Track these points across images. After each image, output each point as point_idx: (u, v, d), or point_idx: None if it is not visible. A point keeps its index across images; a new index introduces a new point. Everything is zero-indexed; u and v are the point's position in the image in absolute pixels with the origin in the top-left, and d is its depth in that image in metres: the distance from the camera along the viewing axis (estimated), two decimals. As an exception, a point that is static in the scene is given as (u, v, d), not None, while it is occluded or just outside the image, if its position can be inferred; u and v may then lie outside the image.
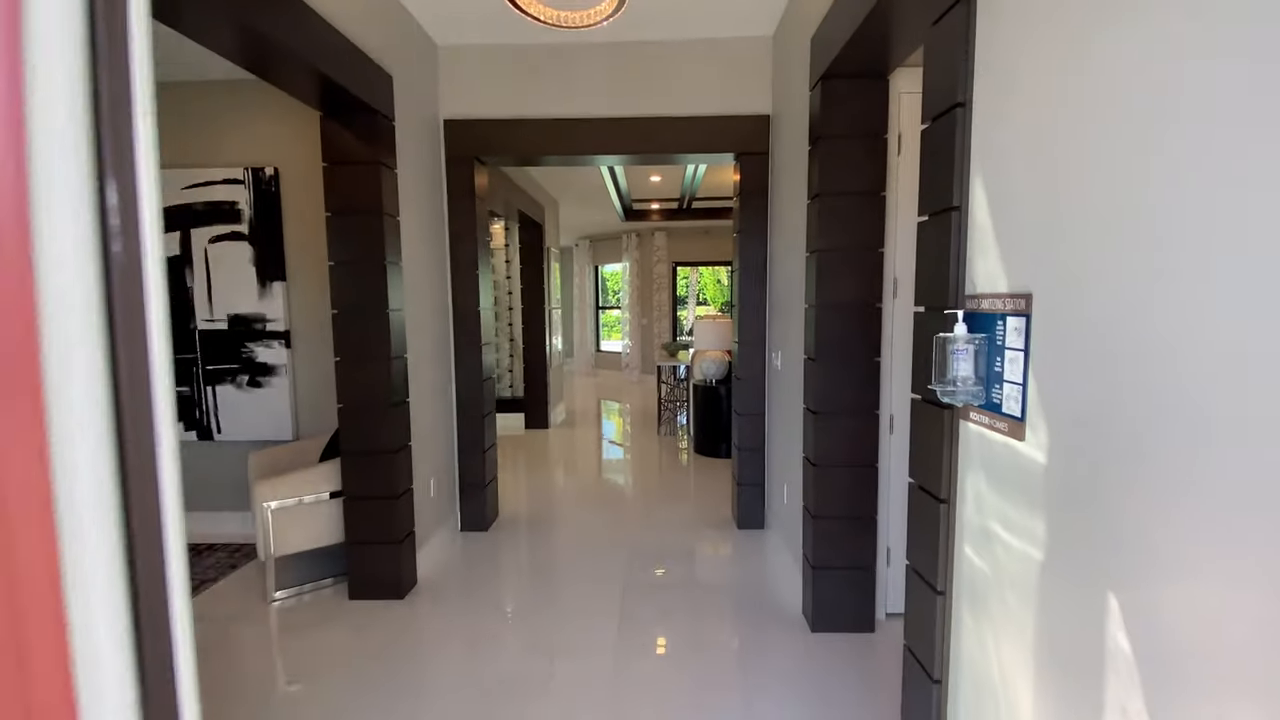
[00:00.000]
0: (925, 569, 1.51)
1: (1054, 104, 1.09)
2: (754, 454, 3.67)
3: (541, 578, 3.21)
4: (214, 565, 3.33)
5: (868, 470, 2.48)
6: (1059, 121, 1.08)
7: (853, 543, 2.51)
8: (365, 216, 2.76)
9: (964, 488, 1.38)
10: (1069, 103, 1.05)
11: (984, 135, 1.31)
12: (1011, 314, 1.21)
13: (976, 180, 1.33)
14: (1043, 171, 1.12)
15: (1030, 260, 1.16)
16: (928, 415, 1.50)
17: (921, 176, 1.52)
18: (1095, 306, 0.99)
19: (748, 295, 3.60)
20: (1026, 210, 1.17)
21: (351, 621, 2.74)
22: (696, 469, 5.26)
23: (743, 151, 3.51)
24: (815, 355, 2.47)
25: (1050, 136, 1.10)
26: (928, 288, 1.50)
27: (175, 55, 3.20)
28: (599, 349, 12.00)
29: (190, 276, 3.65)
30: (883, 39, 2.03)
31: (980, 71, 1.32)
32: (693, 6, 3.13)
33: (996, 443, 1.26)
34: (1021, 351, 1.18)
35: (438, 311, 3.54)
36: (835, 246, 2.41)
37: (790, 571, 2.97)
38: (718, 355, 5.58)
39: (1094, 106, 1.00)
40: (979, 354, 1.29)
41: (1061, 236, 1.07)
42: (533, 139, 3.55)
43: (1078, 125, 1.03)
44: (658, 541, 3.63)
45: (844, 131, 2.38)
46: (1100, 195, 0.98)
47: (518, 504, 4.38)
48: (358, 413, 2.83)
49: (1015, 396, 1.19)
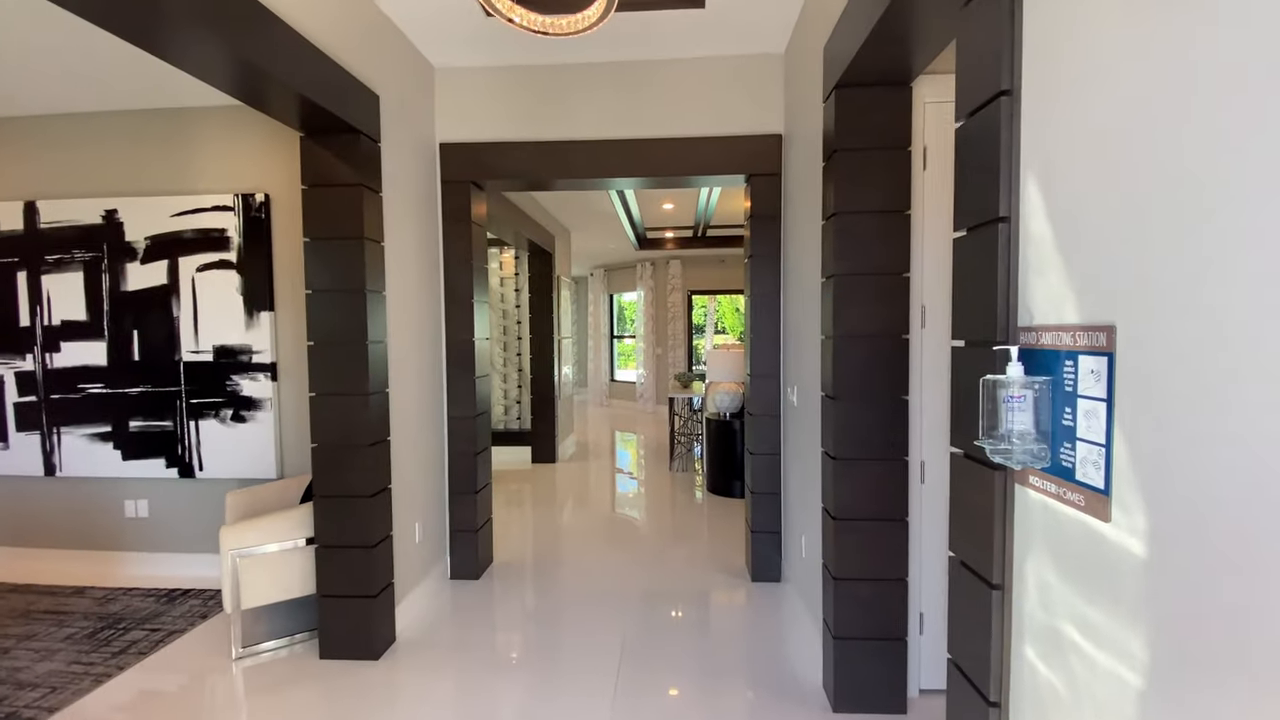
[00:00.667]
0: (973, 669, 1.20)
1: (1150, 81, 0.83)
2: (769, 499, 3.35)
3: (532, 635, 2.91)
4: (185, 614, 3.09)
5: (896, 525, 2.17)
6: (1159, 103, 0.82)
7: (880, 608, 2.18)
8: (345, 242, 2.57)
9: (1023, 572, 1.09)
10: (1175, 78, 0.79)
11: (1038, 129, 1.05)
12: (1086, 351, 0.93)
13: (1029, 184, 1.07)
14: (1131, 166, 0.86)
15: (1112, 281, 0.89)
16: (973, 475, 1.21)
17: (957, 184, 1.26)
18: (1215, 346, 0.72)
19: (760, 325, 3.34)
20: (1105, 217, 0.90)
21: (320, 684, 2.47)
22: (710, 509, 4.93)
23: (754, 173, 3.29)
24: (834, 392, 2.18)
25: (1144, 121, 0.84)
26: (969, 318, 1.22)
27: (165, 83, 3.10)
28: (613, 378, 11.76)
29: (176, 306, 3.50)
30: (903, 38, 1.79)
31: (1031, 53, 1.07)
32: (700, 25, 2.96)
33: (1069, 519, 0.97)
34: (1102, 402, 0.89)
35: (428, 343, 3.33)
36: (854, 271, 2.14)
37: (809, 635, 2.63)
38: (732, 388, 5.29)
39: (1217, 78, 0.73)
40: (1040, 402, 1.01)
41: (1163, 249, 0.80)
42: (533, 162, 3.38)
43: (1190, 104, 0.77)
44: (664, 594, 3.31)
45: (862, 144, 2.13)
46: (1223, 194, 0.71)
47: (514, 548, 4.09)
48: (332, 452, 2.60)
49: (1095, 461, 0.91)
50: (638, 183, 3.50)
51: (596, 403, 11.69)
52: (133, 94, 3.31)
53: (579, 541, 4.23)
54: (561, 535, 4.38)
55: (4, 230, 3.53)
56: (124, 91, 3.28)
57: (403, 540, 2.96)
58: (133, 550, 3.63)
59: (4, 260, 3.54)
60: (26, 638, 2.83)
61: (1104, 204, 0.90)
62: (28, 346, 3.56)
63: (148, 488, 3.62)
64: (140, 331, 3.52)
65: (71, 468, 3.58)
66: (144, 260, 3.50)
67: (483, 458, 3.61)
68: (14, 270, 3.54)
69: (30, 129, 3.55)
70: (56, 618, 3.03)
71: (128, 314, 3.52)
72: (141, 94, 3.31)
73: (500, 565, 3.76)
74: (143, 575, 3.58)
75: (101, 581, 3.49)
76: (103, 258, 3.51)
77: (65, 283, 3.53)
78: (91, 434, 3.56)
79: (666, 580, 3.51)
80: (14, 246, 3.54)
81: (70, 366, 3.55)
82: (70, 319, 3.54)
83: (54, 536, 3.66)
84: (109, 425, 3.55)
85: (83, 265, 3.52)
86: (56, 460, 3.58)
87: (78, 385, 3.55)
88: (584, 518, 4.79)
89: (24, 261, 3.54)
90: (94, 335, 3.54)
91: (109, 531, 3.64)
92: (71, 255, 3.52)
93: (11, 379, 3.58)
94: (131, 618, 3.04)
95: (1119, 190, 0.87)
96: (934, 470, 2.20)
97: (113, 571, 3.61)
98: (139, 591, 3.35)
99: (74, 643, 2.79)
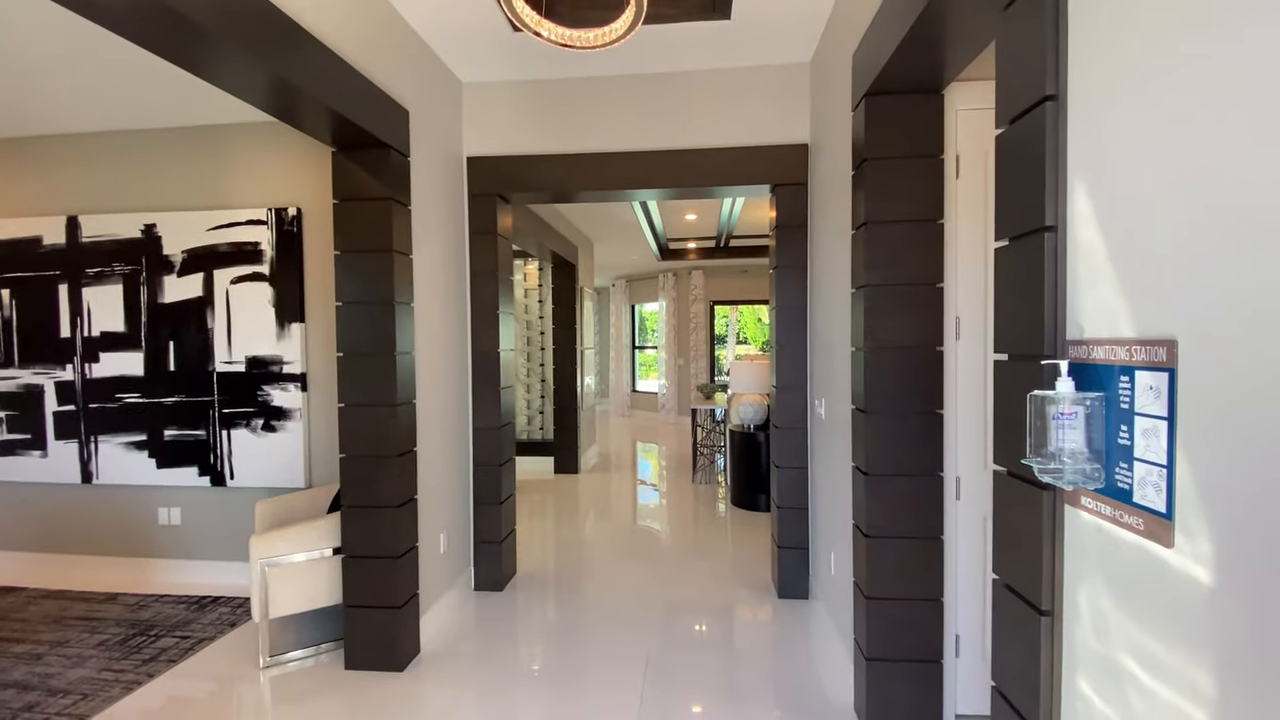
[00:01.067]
0: (1020, 700, 1.14)
1: (1217, 80, 0.79)
2: (796, 513, 3.29)
3: (555, 650, 2.88)
4: (214, 622, 3.13)
5: (931, 543, 2.10)
6: (1229, 102, 0.78)
7: (915, 629, 2.11)
8: (374, 255, 2.60)
9: (1076, 598, 1.03)
10: (1246, 74, 0.75)
11: (1087, 134, 1.01)
12: (1144, 367, 0.88)
13: (1077, 191, 1.03)
14: (1197, 169, 0.81)
15: (1173, 293, 0.84)
16: (1019, 495, 1.16)
17: (998, 192, 1.22)
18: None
19: (786, 336, 3.29)
20: (1165, 224, 0.86)
21: (344, 695, 2.47)
22: (734, 523, 4.87)
23: (779, 182, 3.27)
24: (866, 406, 2.13)
25: (1212, 122, 0.80)
26: (1012, 330, 1.18)
27: (202, 100, 3.19)
28: (635, 389, 11.74)
29: (211, 317, 3.58)
30: (936, 44, 1.76)
31: (1078, 56, 1.03)
32: (725, 36, 2.95)
33: (1127, 544, 0.92)
34: (1163, 420, 0.85)
35: (454, 353, 3.35)
36: (886, 281, 2.10)
37: (839, 655, 2.56)
38: (756, 399, 5.23)
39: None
40: (1092, 419, 0.96)
41: (1232, 258, 0.76)
42: (559, 175, 3.39)
43: (1269, 101, 0.73)
44: (688, 609, 3.26)
45: (892, 153, 2.10)
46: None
47: (537, 559, 4.07)
48: (360, 463, 2.62)
49: (1155, 483, 0.86)
50: (662, 194, 3.49)
51: (618, 413, 11.67)
52: (172, 111, 3.41)
53: (602, 553, 4.20)
54: (584, 547, 4.35)
55: (47, 244, 3.65)
56: (163, 109, 3.38)
57: (428, 551, 2.97)
58: (165, 557, 3.70)
59: (47, 273, 3.66)
60: (59, 644, 2.88)
61: (1164, 211, 0.86)
62: (68, 357, 3.67)
63: (180, 495, 3.68)
64: (176, 342, 3.60)
65: (108, 475, 3.66)
66: (180, 273, 3.58)
67: (507, 468, 3.61)
68: (56, 283, 3.66)
69: (73, 146, 3.68)
70: (89, 624, 3.09)
71: (164, 325, 3.61)
72: (180, 111, 3.41)
73: (523, 576, 3.75)
74: (174, 582, 3.64)
75: (134, 588, 3.55)
76: (141, 270, 3.61)
77: (105, 295, 3.63)
78: (127, 442, 3.64)
79: (691, 595, 3.45)
80: (56, 260, 3.65)
81: (108, 376, 3.64)
82: (109, 330, 3.64)
83: (89, 543, 3.74)
84: (144, 434, 3.63)
85: (122, 278, 3.62)
86: (93, 468, 3.67)
87: (115, 395, 3.64)
88: (607, 529, 4.76)
89: (66, 275, 3.65)
90: (131, 346, 3.63)
91: (142, 538, 3.71)
92: (111, 268, 3.62)
93: (52, 389, 3.68)
94: (162, 625, 3.09)
95: (1182, 195, 0.83)
96: (970, 486, 2.13)
97: (145, 578, 3.67)
98: (170, 598, 3.40)
99: (106, 649, 2.83)
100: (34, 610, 3.25)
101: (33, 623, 3.11)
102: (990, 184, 2.10)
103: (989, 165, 2.10)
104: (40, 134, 3.69)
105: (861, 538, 2.16)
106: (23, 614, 3.21)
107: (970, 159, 2.11)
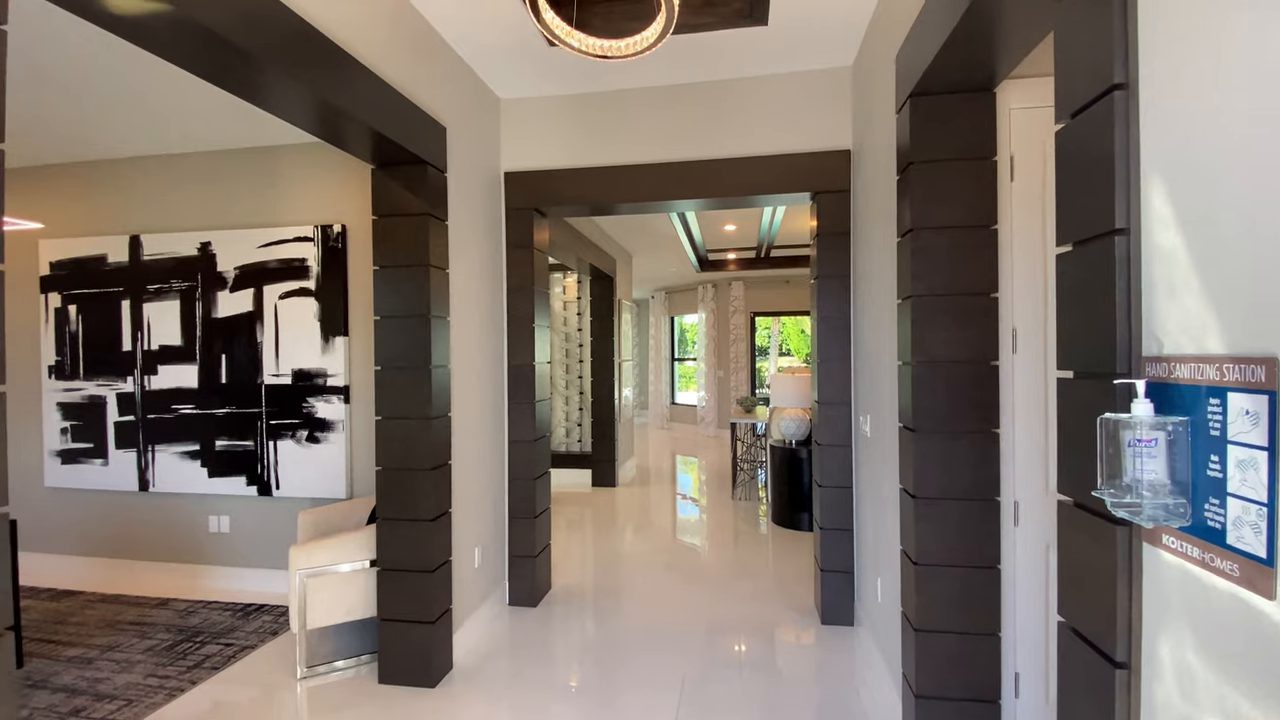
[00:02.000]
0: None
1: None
2: (840, 535, 3.14)
3: (589, 670, 2.82)
4: (257, 630, 3.19)
5: (986, 572, 1.95)
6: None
7: (969, 666, 1.96)
8: (412, 269, 2.62)
9: (1155, 650, 0.91)
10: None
11: (1164, 126, 0.90)
12: (1238, 388, 0.77)
13: (1153, 190, 0.92)
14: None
15: (1272, 303, 0.73)
16: (1088, 530, 1.04)
17: (1060, 193, 1.11)
18: None
19: (829, 349, 3.17)
20: (1262, 225, 0.75)
21: (377, 710, 2.46)
22: (775, 542, 4.71)
23: (820, 190, 3.16)
24: (914, 424, 2.01)
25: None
26: (1079, 345, 1.06)
27: (255, 123, 3.31)
28: (674, 401, 11.64)
29: (260, 331, 3.69)
30: (986, 39, 1.65)
31: (1150, 39, 0.92)
32: (763, 42, 2.89)
33: (1218, 591, 0.80)
34: (1263, 450, 0.73)
35: (491, 367, 3.35)
36: (934, 291, 1.97)
37: (886, 689, 2.41)
38: (798, 414, 5.08)
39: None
40: (1175, 447, 0.85)
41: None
42: (595, 188, 3.38)
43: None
44: (728, 631, 3.15)
45: (940, 155, 1.98)
46: None
47: (573, 574, 4.02)
48: (396, 475, 2.63)
49: (1253, 523, 0.74)
50: (701, 204, 3.44)
51: (657, 426, 11.59)
52: (227, 134, 3.56)
53: (639, 569, 4.12)
54: (621, 562, 4.28)
55: (112, 262, 3.85)
56: (217, 132, 3.53)
57: (462, 565, 2.95)
58: (214, 564, 3.81)
59: (111, 290, 3.86)
60: (110, 648, 2.98)
61: (1263, 210, 0.75)
62: (129, 369, 3.84)
63: (230, 504, 3.79)
64: (227, 355, 3.73)
65: (163, 484, 3.80)
66: (233, 289, 3.71)
67: (542, 482, 3.58)
68: (119, 299, 3.85)
69: (136, 169, 3.87)
70: (140, 629, 3.19)
71: (217, 339, 3.74)
72: (232, 134, 3.55)
73: (558, 592, 3.70)
74: (222, 589, 3.74)
75: (185, 594, 3.67)
76: (197, 286, 3.76)
77: (163, 310, 3.79)
78: (182, 452, 3.78)
79: (730, 616, 3.34)
80: (120, 277, 3.84)
81: (165, 388, 3.79)
82: (166, 344, 3.80)
83: (145, 549, 3.89)
84: (197, 444, 3.76)
85: (179, 294, 3.78)
86: (150, 476, 3.82)
87: (171, 406, 3.79)
88: (644, 544, 4.67)
89: (128, 291, 3.84)
90: (187, 359, 3.77)
91: (193, 545, 3.84)
92: (169, 284, 3.79)
93: (113, 400, 3.86)
94: (209, 631, 3.16)
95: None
96: (1030, 512, 1.98)
97: (195, 584, 3.79)
98: (218, 605, 3.49)
99: (153, 654, 2.91)
100: (89, 614, 3.39)
101: (87, 626, 3.23)
102: (1049, 186, 1.96)
103: (1047, 166, 1.96)
104: (106, 158, 3.91)
105: (910, 565, 2.03)
106: (79, 617, 3.34)
107: (1025, 160, 1.98)
